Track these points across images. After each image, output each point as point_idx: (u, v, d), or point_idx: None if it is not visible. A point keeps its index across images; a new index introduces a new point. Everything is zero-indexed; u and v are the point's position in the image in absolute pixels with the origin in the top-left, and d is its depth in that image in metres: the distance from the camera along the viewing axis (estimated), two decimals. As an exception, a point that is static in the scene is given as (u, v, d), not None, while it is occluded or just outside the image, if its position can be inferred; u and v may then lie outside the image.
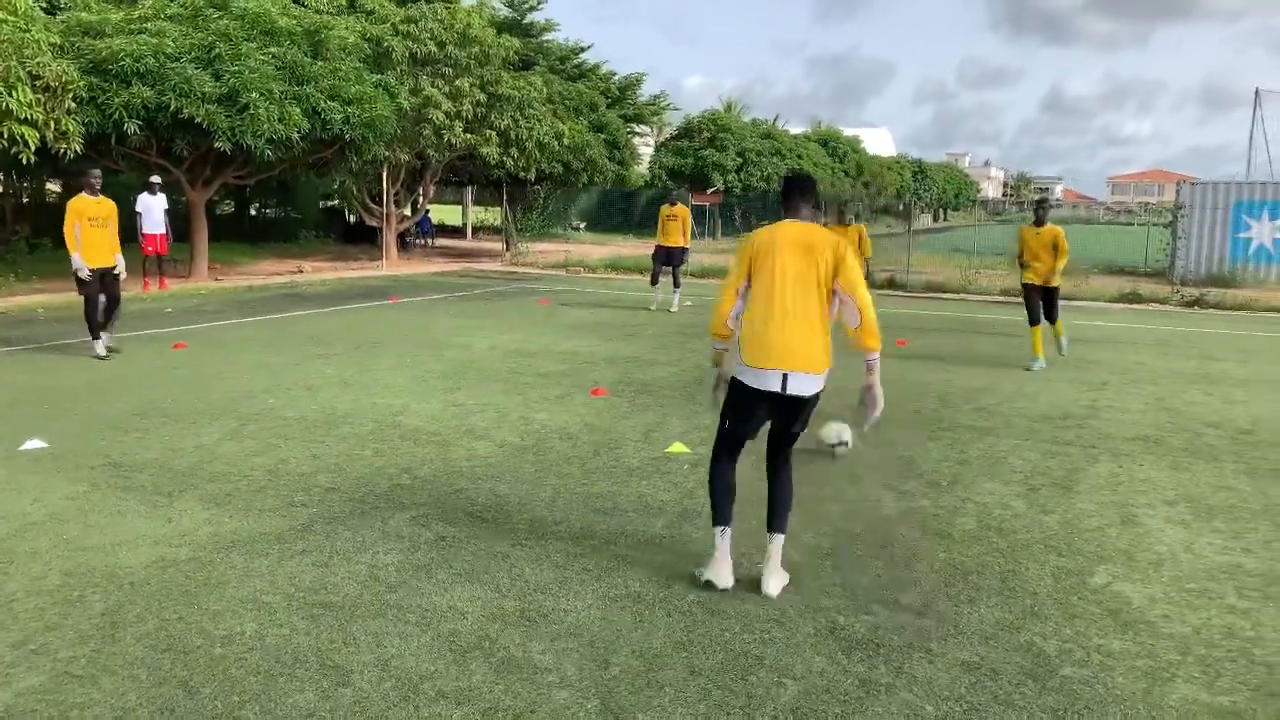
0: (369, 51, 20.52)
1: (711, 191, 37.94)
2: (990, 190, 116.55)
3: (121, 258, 10.02)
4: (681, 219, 15.19)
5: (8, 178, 23.04)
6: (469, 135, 23.22)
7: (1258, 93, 42.83)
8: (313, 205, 32.36)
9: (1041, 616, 4.04)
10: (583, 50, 38.22)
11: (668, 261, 15.18)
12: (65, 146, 13.77)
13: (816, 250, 4.08)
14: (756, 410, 4.16)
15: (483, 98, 23.35)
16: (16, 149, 13.10)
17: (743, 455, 4.31)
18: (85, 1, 16.99)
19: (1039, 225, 10.53)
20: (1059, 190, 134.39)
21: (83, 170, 10.42)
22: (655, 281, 15.40)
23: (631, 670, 3.48)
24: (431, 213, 33.24)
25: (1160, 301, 18.33)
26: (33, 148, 13.20)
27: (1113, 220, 66.35)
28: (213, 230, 21.00)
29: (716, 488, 4.26)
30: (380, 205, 24.44)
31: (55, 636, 3.66)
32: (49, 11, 16.47)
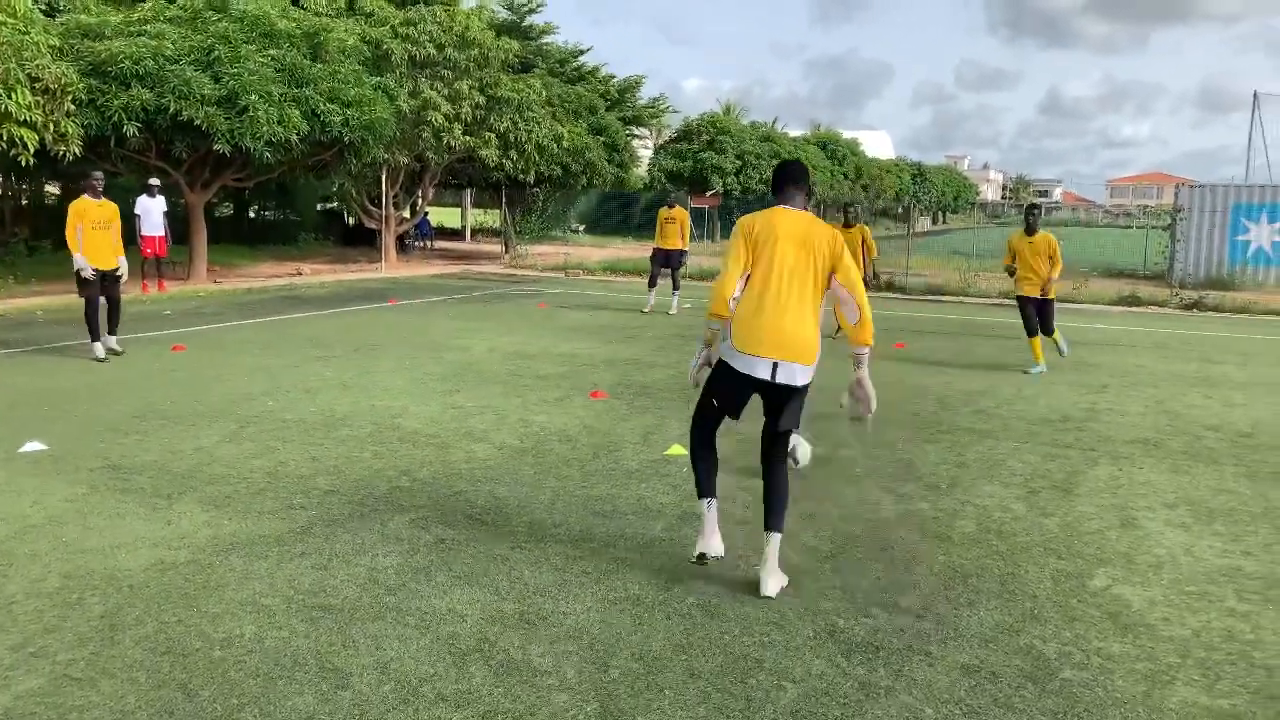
0: (368, 54, 20.52)
1: (710, 194, 37.95)
2: (989, 193, 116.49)
3: (124, 260, 10.02)
4: (680, 221, 15.22)
5: (7, 180, 22.99)
6: (468, 138, 23.22)
7: (1256, 95, 42.68)
8: (312, 208, 32.36)
9: (1041, 619, 4.04)
10: (582, 53, 38.28)
11: (666, 264, 15.21)
12: (64, 149, 13.76)
13: (814, 244, 4.13)
14: (741, 394, 4.23)
15: (482, 100, 23.35)
16: (15, 151, 13.08)
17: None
18: (85, 4, 16.97)
19: (1030, 233, 9.97)
20: (1058, 193, 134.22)
21: (82, 172, 10.42)
22: (653, 284, 15.40)
23: (631, 673, 3.48)
24: (430, 215, 33.26)
25: (1159, 304, 18.33)
26: (32, 150, 13.19)
27: (1111, 223, 66.40)
28: (212, 232, 20.98)
29: (697, 461, 4.34)
30: (379, 207, 24.42)
31: (54, 639, 3.65)
32: (48, 14, 16.46)
